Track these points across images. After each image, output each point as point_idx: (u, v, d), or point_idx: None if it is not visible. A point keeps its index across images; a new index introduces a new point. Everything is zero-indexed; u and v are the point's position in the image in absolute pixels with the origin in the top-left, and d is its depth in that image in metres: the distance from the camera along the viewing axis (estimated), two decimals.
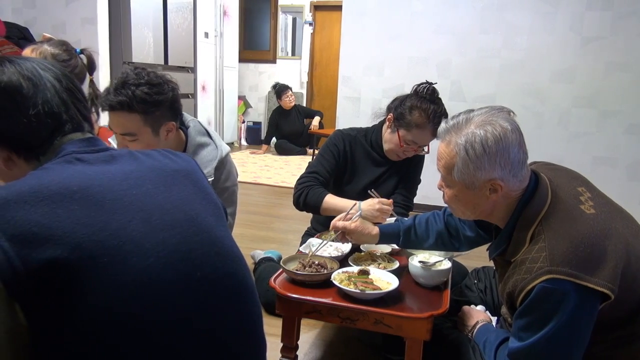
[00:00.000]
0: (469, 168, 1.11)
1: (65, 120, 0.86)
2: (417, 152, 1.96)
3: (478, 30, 3.69)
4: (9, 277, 0.65)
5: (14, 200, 0.69)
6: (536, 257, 1.06)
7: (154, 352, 0.74)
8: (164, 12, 4.96)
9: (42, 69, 0.86)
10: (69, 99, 0.88)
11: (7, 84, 0.81)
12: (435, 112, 1.85)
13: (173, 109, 1.59)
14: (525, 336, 1.08)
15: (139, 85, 1.48)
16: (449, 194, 1.23)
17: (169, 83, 1.57)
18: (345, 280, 1.37)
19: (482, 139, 1.08)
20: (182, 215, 0.83)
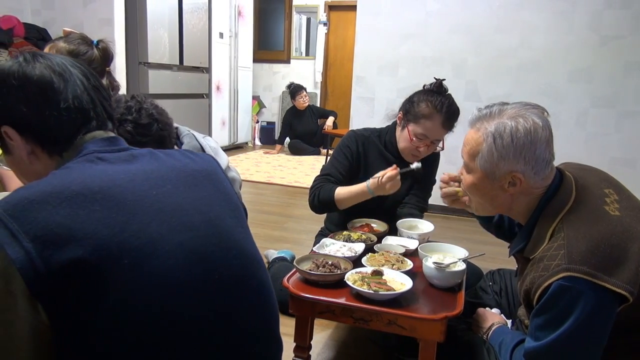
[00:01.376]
0: (494, 156, 1.12)
1: (92, 117, 0.87)
2: (430, 148, 1.93)
3: (494, 29, 3.66)
4: (32, 277, 0.66)
5: (37, 200, 0.70)
6: (554, 255, 1.05)
7: (173, 352, 0.75)
8: (180, 12, 5.00)
9: (71, 66, 0.87)
10: (96, 96, 0.89)
11: (39, 78, 0.83)
12: (442, 102, 1.83)
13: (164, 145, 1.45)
14: (541, 335, 1.06)
15: (124, 122, 1.36)
16: (468, 182, 1.23)
17: (159, 122, 1.42)
18: (358, 281, 1.36)
19: (512, 129, 1.09)
20: (202, 216, 0.83)
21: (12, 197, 0.71)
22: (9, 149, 0.86)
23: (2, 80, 0.82)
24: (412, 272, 1.48)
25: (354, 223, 1.93)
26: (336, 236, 1.77)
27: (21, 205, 0.69)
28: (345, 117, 5.21)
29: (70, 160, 0.82)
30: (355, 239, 1.73)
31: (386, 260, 1.53)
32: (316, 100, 7.44)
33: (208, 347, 0.79)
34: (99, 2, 4.28)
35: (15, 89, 0.82)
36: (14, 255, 0.66)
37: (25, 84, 0.82)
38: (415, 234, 1.80)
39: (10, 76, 0.82)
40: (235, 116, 6.59)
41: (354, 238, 1.74)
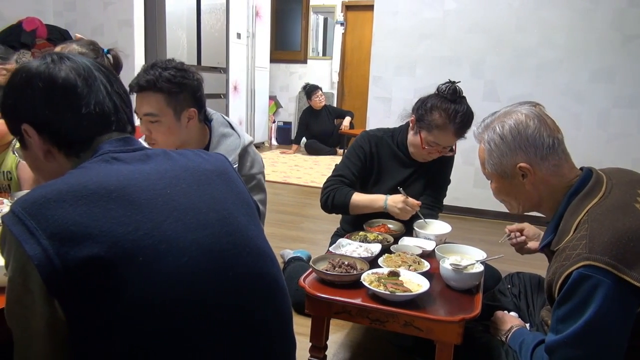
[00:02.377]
0: (494, 157, 1.23)
1: (112, 122, 0.88)
2: (442, 153, 1.93)
3: (514, 28, 3.61)
4: (49, 274, 0.67)
5: (54, 199, 0.71)
6: (576, 245, 1.04)
7: (187, 350, 0.75)
8: (198, 13, 5.04)
9: (95, 70, 0.88)
10: (119, 102, 0.90)
11: (64, 80, 0.84)
12: (456, 111, 1.81)
13: (196, 98, 1.65)
14: (562, 328, 1.05)
15: (166, 68, 1.57)
16: (492, 188, 1.32)
17: (194, 74, 1.65)
18: (375, 282, 1.36)
19: (500, 129, 1.21)
20: (215, 215, 0.84)
21: (30, 195, 0.73)
22: (27, 145, 0.88)
23: (28, 81, 0.83)
24: (429, 274, 1.47)
25: (371, 223, 1.92)
26: (352, 236, 1.77)
27: (39, 203, 0.70)
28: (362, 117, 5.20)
29: (87, 160, 0.83)
30: (372, 240, 1.73)
31: (403, 261, 1.52)
32: (333, 101, 7.44)
33: (223, 343, 0.79)
34: (119, 4, 4.34)
35: (40, 91, 0.83)
36: (31, 252, 0.67)
37: (50, 87, 0.83)
38: (432, 235, 1.78)
39: (37, 77, 0.83)
40: (252, 116, 6.62)
41: (370, 238, 1.74)
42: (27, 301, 0.71)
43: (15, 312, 0.74)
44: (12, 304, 0.74)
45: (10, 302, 0.74)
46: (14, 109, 0.86)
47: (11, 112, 0.87)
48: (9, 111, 0.87)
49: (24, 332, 0.74)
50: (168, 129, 1.61)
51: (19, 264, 0.70)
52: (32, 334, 0.73)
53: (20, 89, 0.84)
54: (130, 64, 4.31)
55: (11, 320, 0.76)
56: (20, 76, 0.85)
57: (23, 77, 0.84)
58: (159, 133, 1.61)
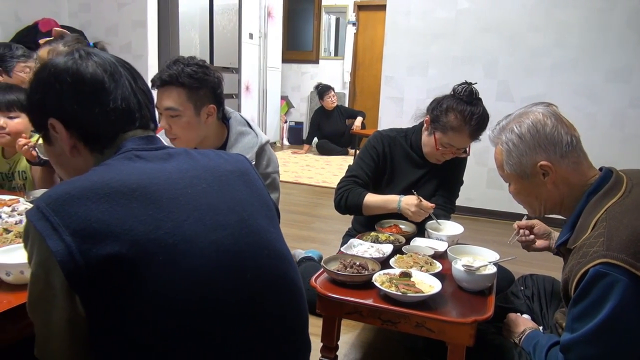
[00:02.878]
0: (513, 157, 1.22)
1: (136, 118, 0.89)
2: (455, 154, 1.92)
3: (527, 28, 3.58)
4: (71, 270, 0.68)
5: (77, 196, 0.72)
6: (593, 242, 1.03)
7: (204, 349, 0.76)
8: (210, 14, 5.07)
9: (120, 66, 0.89)
10: (142, 98, 0.91)
11: (92, 76, 0.85)
12: (472, 113, 1.79)
13: (215, 95, 1.69)
14: (578, 327, 1.04)
15: (188, 64, 1.63)
16: (512, 191, 1.31)
17: (215, 71, 1.70)
18: (386, 282, 1.35)
19: (518, 129, 1.21)
20: (235, 216, 0.84)
21: (54, 191, 0.73)
22: (52, 140, 0.89)
23: (57, 76, 0.84)
24: (441, 275, 1.46)
25: (382, 224, 1.91)
26: (364, 237, 1.76)
27: (62, 200, 0.71)
28: (374, 117, 5.19)
29: (110, 158, 0.84)
30: (383, 240, 1.72)
31: (415, 262, 1.51)
32: (344, 101, 7.43)
33: (239, 344, 0.80)
34: (133, 5, 4.38)
35: (68, 86, 0.84)
36: (54, 247, 0.68)
37: (78, 82, 0.84)
38: (444, 236, 1.77)
39: (65, 72, 0.84)
40: (264, 116, 6.64)
41: (382, 239, 1.73)
42: (49, 295, 0.72)
43: (37, 305, 0.76)
44: (35, 298, 0.75)
45: (33, 295, 0.75)
46: (41, 103, 0.87)
47: (38, 107, 0.87)
48: (36, 106, 0.88)
49: (45, 326, 0.76)
50: (188, 124, 1.64)
51: (42, 258, 0.71)
52: (53, 327, 0.74)
53: (48, 83, 0.85)
54: (144, 64, 4.35)
55: (33, 314, 0.77)
56: (49, 71, 0.85)
57: (51, 71, 0.85)
58: (179, 127, 1.64)
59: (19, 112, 1.94)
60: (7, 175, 2.07)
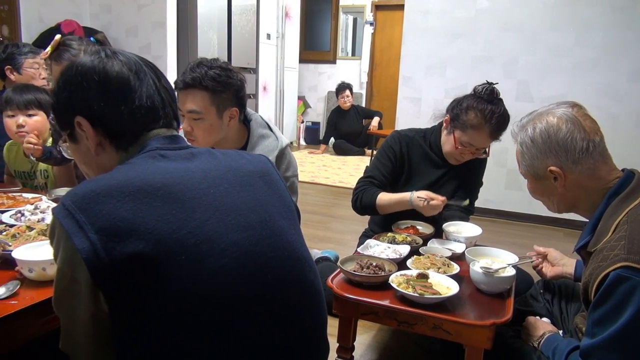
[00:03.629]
0: (526, 159, 1.22)
1: (160, 116, 0.90)
2: (475, 154, 1.89)
3: (548, 27, 3.52)
4: (96, 267, 0.70)
5: (103, 194, 0.73)
6: (614, 246, 1.01)
7: (223, 349, 0.76)
8: (229, 14, 5.11)
9: (145, 65, 0.91)
10: (166, 96, 0.92)
11: (118, 74, 0.86)
12: (492, 112, 1.77)
13: (238, 97, 1.69)
14: (598, 332, 1.02)
15: (211, 67, 1.62)
16: (528, 187, 1.31)
17: (238, 74, 1.70)
18: (403, 283, 1.34)
19: (531, 132, 1.20)
20: (256, 217, 0.84)
21: (80, 189, 0.75)
22: (77, 139, 0.90)
23: (84, 75, 0.86)
24: (459, 277, 1.45)
25: (399, 225, 1.91)
26: (381, 237, 1.76)
27: (88, 198, 0.73)
28: (391, 117, 5.17)
29: (134, 156, 0.86)
30: (400, 241, 1.71)
31: (432, 264, 1.50)
32: (361, 101, 7.42)
33: (257, 345, 0.80)
34: (152, 6, 4.43)
35: (95, 84, 0.85)
36: (80, 245, 0.70)
37: (105, 80, 0.86)
38: (462, 237, 1.76)
39: (92, 71, 0.86)
40: (281, 116, 6.66)
41: (398, 240, 1.72)
42: (74, 291, 0.73)
43: (62, 300, 0.77)
44: (60, 293, 0.77)
45: (58, 290, 0.77)
46: (68, 101, 0.88)
47: (65, 105, 0.89)
48: (64, 104, 0.89)
49: (70, 320, 0.77)
50: (210, 127, 1.65)
51: (68, 255, 0.72)
52: (77, 322, 0.76)
53: (75, 82, 0.86)
54: (163, 65, 4.40)
55: (59, 308, 0.79)
56: (76, 70, 0.87)
57: (79, 70, 0.87)
58: (200, 130, 1.65)
59: (37, 110, 1.98)
60: (29, 174, 2.11)
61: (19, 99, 1.95)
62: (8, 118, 1.96)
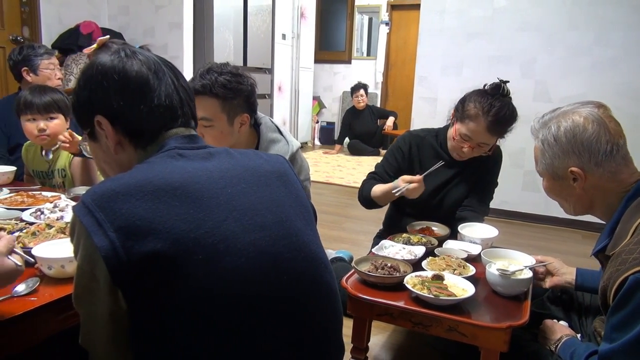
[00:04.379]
0: (546, 157, 1.20)
1: (179, 115, 0.91)
2: (476, 150, 1.85)
3: (567, 26, 3.47)
4: (114, 265, 0.70)
5: (122, 193, 0.74)
6: (633, 249, 0.99)
7: (239, 349, 0.77)
8: (244, 15, 5.13)
9: (163, 64, 0.92)
10: (184, 95, 0.93)
11: (138, 74, 0.87)
12: (491, 105, 1.75)
13: (249, 103, 1.66)
14: (617, 337, 1.00)
15: (221, 73, 1.59)
16: (544, 186, 1.29)
17: (248, 78, 1.66)
18: (418, 285, 1.34)
19: (554, 130, 1.17)
20: (272, 217, 0.84)
21: (99, 187, 0.76)
22: (97, 137, 0.91)
23: (104, 74, 0.87)
24: (474, 278, 1.44)
25: (414, 226, 1.90)
26: (395, 238, 1.75)
27: (107, 196, 0.73)
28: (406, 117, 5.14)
29: (153, 155, 0.86)
30: (415, 242, 1.70)
31: (447, 265, 1.49)
32: (376, 101, 7.39)
33: (274, 344, 0.80)
34: (169, 7, 4.48)
35: (115, 83, 0.86)
36: (99, 243, 0.71)
37: (124, 79, 0.87)
38: (478, 239, 1.74)
39: (112, 70, 0.87)
40: (295, 116, 6.67)
41: (413, 241, 1.72)
42: (93, 288, 0.75)
43: (82, 297, 0.78)
44: (80, 289, 0.78)
45: (78, 287, 0.78)
46: (89, 100, 0.89)
47: (86, 104, 0.90)
48: (84, 103, 0.90)
49: (89, 316, 0.79)
50: (220, 134, 1.63)
51: (87, 253, 0.73)
52: (97, 319, 0.77)
53: (96, 81, 0.87)
54: (179, 65, 4.43)
55: (78, 304, 0.80)
56: (96, 69, 0.88)
57: (99, 69, 0.88)
58: (211, 137, 1.63)
59: (57, 114, 1.99)
60: (46, 174, 2.15)
61: (39, 103, 1.96)
62: (28, 122, 1.98)
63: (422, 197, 1.90)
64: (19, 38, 3.78)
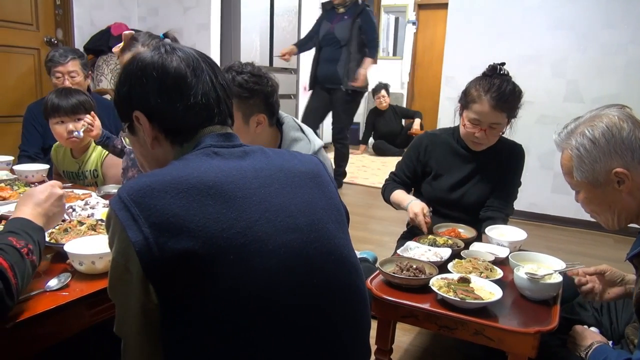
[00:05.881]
0: (586, 164, 1.14)
1: (215, 113, 0.92)
2: (488, 133, 1.83)
3: (601, 24, 3.38)
4: (147, 260, 0.72)
5: (157, 188, 0.75)
6: None
7: (266, 349, 0.77)
8: (271, 16, 5.17)
9: (202, 61, 0.92)
10: (222, 93, 0.93)
11: (176, 70, 0.88)
12: (491, 84, 1.79)
13: (267, 104, 1.66)
14: None
15: (240, 73, 1.60)
16: (581, 199, 1.23)
17: (270, 79, 1.65)
18: (444, 287, 1.32)
19: (590, 133, 1.13)
20: (305, 219, 0.84)
21: (136, 182, 0.77)
22: (135, 131, 0.93)
23: (143, 70, 0.89)
24: (502, 282, 1.41)
25: (440, 227, 1.87)
26: (421, 240, 1.73)
27: (143, 192, 0.74)
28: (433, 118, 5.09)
29: (189, 152, 0.87)
30: (441, 244, 1.68)
31: (474, 268, 1.47)
32: (402, 101, 7.34)
33: (301, 346, 0.80)
34: (198, 9, 4.54)
35: (153, 79, 0.88)
36: (134, 238, 0.72)
37: (163, 76, 0.88)
38: (505, 242, 1.71)
39: (151, 66, 0.88)
40: None
41: (439, 243, 1.70)
42: (127, 280, 0.76)
43: (116, 288, 0.80)
44: (115, 281, 0.80)
45: (113, 278, 0.80)
46: (128, 95, 0.91)
47: (125, 99, 0.92)
48: (123, 97, 0.92)
49: (123, 307, 0.80)
50: (235, 131, 1.63)
51: (122, 246, 0.74)
52: (129, 310, 0.78)
53: (135, 77, 0.89)
54: None
55: (113, 295, 0.82)
56: (136, 65, 0.90)
57: (139, 65, 0.89)
58: None
59: (84, 115, 2.03)
60: (76, 174, 2.19)
61: (66, 105, 2.01)
62: (57, 125, 2.03)
63: (441, 192, 1.97)
64: (52, 40, 3.89)
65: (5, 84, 3.66)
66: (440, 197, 1.98)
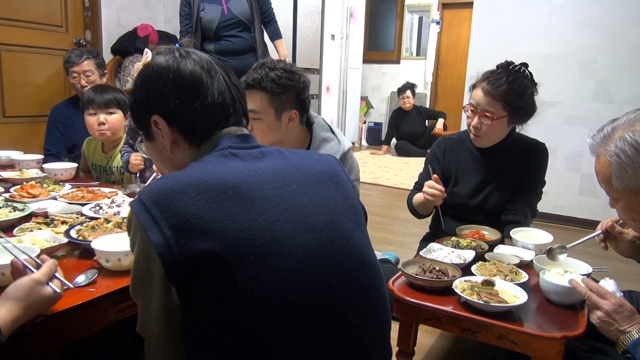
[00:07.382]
0: (627, 172, 1.07)
1: (231, 113, 0.93)
2: (482, 122, 1.82)
3: (631, 22, 3.29)
4: (169, 261, 0.73)
5: (177, 190, 0.76)
6: None
7: (285, 349, 0.77)
8: (294, 16, 5.18)
9: (215, 63, 0.94)
10: (236, 93, 0.95)
11: (192, 73, 0.90)
12: (492, 73, 1.82)
13: (299, 100, 1.69)
14: None
15: (273, 69, 1.64)
16: (620, 208, 1.17)
17: (302, 76, 1.70)
18: (467, 290, 1.30)
19: (632, 139, 1.06)
20: (323, 218, 0.84)
21: (156, 185, 0.78)
22: (153, 137, 0.95)
23: (159, 73, 0.90)
24: (527, 285, 1.39)
25: (463, 229, 1.85)
26: (444, 241, 1.71)
27: (163, 194, 0.76)
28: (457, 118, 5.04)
29: (207, 154, 0.89)
30: (465, 246, 1.66)
31: (498, 271, 1.44)
32: (426, 101, 7.28)
33: (321, 346, 0.80)
34: None
35: (170, 82, 0.90)
36: (155, 240, 0.73)
37: (179, 79, 0.90)
38: (531, 244, 1.67)
39: (167, 70, 0.90)
40: (343, 116, 6.68)
41: (463, 245, 1.67)
42: (148, 281, 0.77)
43: (138, 288, 0.82)
44: (137, 281, 0.81)
45: (135, 279, 0.82)
46: (145, 100, 0.93)
47: (143, 104, 0.93)
48: (142, 103, 0.94)
49: (145, 307, 0.82)
50: (268, 127, 1.67)
51: (143, 248, 0.76)
52: (151, 310, 0.80)
53: (152, 81, 0.91)
54: None
55: (136, 295, 0.84)
56: (152, 69, 0.92)
57: (155, 70, 0.91)
58: (258, 130, 1.68)
59: (116, 109, 2.16)
60: (104, 168, 2.27)
61: (100, 99, 2.13)
62: (90, 116, 2.15)
63: (463, 197, 1.92)
64: (81, 41, 3.98)
65: (35, 84, 3.76)
66: (461, 203, 1.95)
